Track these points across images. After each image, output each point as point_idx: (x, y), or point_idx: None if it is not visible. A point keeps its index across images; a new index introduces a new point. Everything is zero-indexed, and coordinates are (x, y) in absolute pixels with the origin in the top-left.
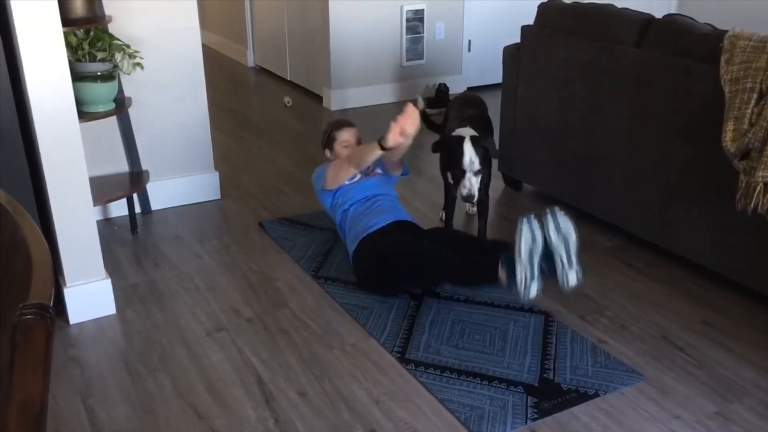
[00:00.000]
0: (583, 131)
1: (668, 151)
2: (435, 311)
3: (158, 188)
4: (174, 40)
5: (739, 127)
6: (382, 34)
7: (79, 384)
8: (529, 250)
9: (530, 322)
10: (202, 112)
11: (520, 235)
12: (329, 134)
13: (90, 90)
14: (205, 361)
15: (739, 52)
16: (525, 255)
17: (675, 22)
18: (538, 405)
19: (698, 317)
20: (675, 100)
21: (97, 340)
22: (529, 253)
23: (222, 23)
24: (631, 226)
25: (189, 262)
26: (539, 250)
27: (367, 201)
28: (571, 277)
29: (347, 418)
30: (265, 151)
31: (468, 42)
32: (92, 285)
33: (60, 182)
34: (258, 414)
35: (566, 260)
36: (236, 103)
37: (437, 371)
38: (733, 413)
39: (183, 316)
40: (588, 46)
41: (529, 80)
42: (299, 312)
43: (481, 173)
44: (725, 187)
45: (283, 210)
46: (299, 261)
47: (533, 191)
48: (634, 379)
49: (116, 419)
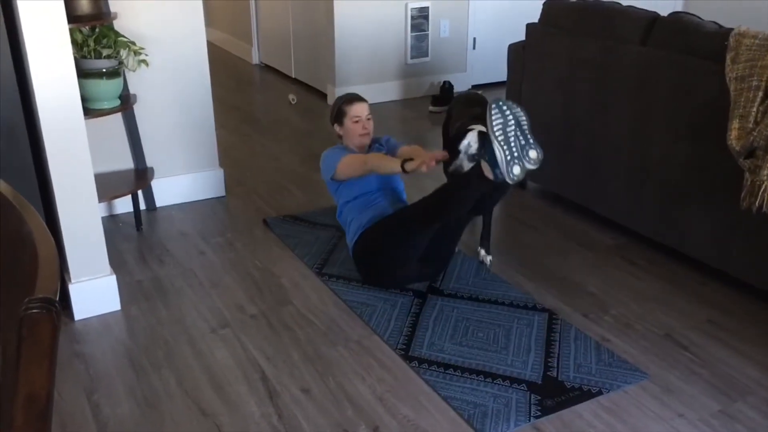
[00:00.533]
0: (588, 129)
1: (673, 149)
2: (438, 309)
3: (163, 185)
4: (179, 37)
5: (744, 125)
6: (386, 32)
7: (83, 380)
8: (503, 130)
9: (534, 319)
10: (206, 109)
11: (491, 118)
12: (339, 108)
13: (95, 87)
14: (210, 357)
15: (744, 51)
16: (500, 135)
17: (680, 20)
18: (541, 403)
19: (702, 316)
20: (680, 98)
21: (102, 336)
22: (504, 132)
23: (227, 21)
24: (635, 224)
25: (193, 259)
26: (512, 128)
27: (370, 194)
28: (532, 154)
29: (351, 414)
30: (270, 149)
31: (473, 40)
32: (97, 281)
33: (65, 178)
34: (262, 410)
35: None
36: (241, 101)
37: (441, 368)
38: (737, 412)
39: (187, 313)
40: (593, 44)
41: (533, 78)
42: (303, 309)
43: (475, 161)
44: (730, 186)
45: (287, 207)
46: (303, 258)
47: (538, 189)
48: (637, 378)
49: (121, 415)
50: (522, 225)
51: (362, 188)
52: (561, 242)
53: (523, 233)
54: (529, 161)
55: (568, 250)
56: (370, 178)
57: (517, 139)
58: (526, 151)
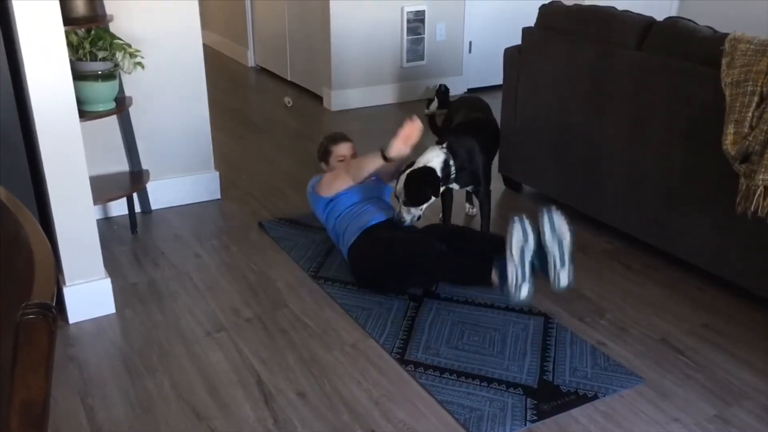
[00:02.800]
0: (584, 133)
1: (668, 153)
2: (434, 312)
3: (158, 188)
4: (175, 39)
5: (739, 130)
6: (382, 35)
7: (78, 383)
8: (520, 250)
9: (530, 323)
10: (202, 111)
11: (512, 235)
12: (325, 147)
13: (91, 89)
14: (205, 361)
15: (740, 56)
16: (517, 255)
17: (676, 25)
18: (537, 407)
19: (698, 320)
20: (675, 103)
21: (97, 340)
22: (521, 253)
23: (223, 23)
24: (631, 228)
25: (188, 262)
26: (531, 249)
27: (360, 204)
28: (562, 277)
29: (346, 418)
30: (266, 152)
31: (469, 43)
32: (92, 284)
33: (60, 181)
34: (257, 414)
35: (559, 260)
36: (237, 103)
37: (436, 372)
38: (732, 416)
39: (182, 316)
40: (589, 48)
41: (529, 82)
42: (299, 312)
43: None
44: (725, 190)
45: (282, 210)
46: (299, 261)
47: (533, 193)
48: (633, 382)
49: (115, 419)
50: None
51: (349, 200)
52: None
53: None
54: (557, 287)
55: None
56: (355, 191)
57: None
58: (558, 274)
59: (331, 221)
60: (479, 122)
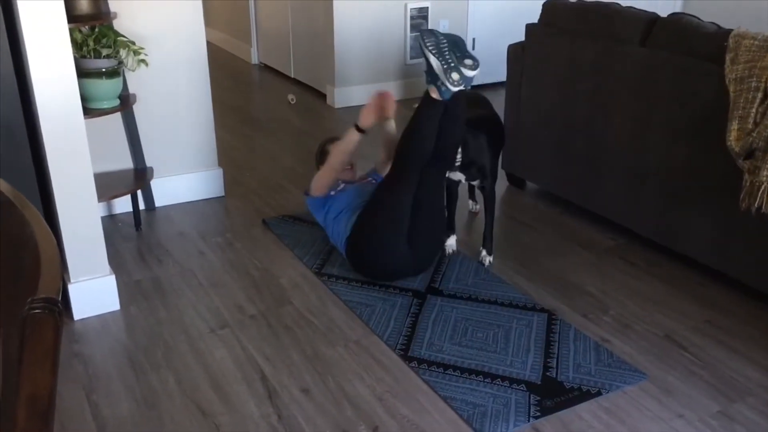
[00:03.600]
0: (587, 130)
1: (672, 149)
2: (438, 309)
3: (162, 185)
4: (179, 37)
5: (743, 126)
6: (386, 32)
7: (83, 379)
8: (435, 45)
9: (533, 320)
10: (206, 109)
11: (424, 41)
12: (322, 149)
13: (95, 86)
14: (209, 357)
15: (744, 52)
16: (434, 50)
17: (680, 21)
18: (540, 403)
19: (702, 316)
20: (679, 99)
21: (101, 336)
22: (437, 47)
23: (226, 20)
24: (634, 225)
25: (192, 259)
26: (445, 42)
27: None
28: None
29: (350, 415)
30: (269, 149)
31: (472, 40)
32: (96, 281)
33: (65, 178)
34: (261, 410)
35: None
36: (240, 101)
37: (440, 369)
38: (736, 413)
39: (186, 313)
40: (592, 44)
41: (533, 79)
42: (302, 309)
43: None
44: (729, 187)
45: (286, 207)
46: (302, 258)
47: (536, 189)
48: (637, 378)
49: (120, 415)
50: (521, 225)
51: (346, 200)
52: (560, 243)
53: (522, 234)
54: (465, 67)
55: (567, 250)
56: (351, 192)
57: (452, 53)
58: (461, 60)
59: (329, 222)
60: (487, 118)
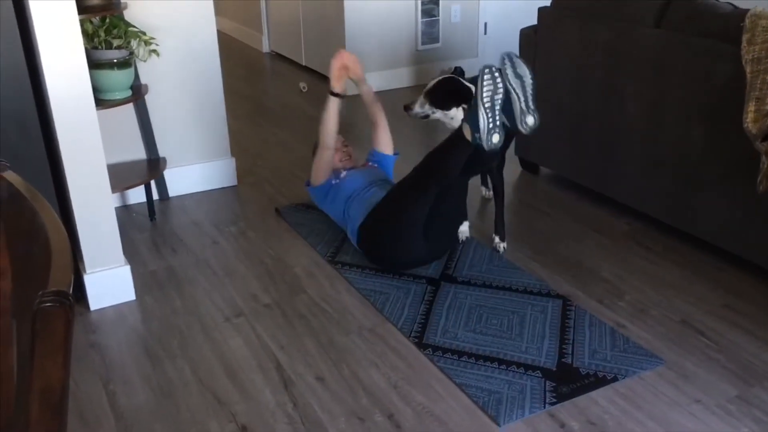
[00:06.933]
0: (601, 114)
1: (688, 132)
2: (452, 296)
3: (175, 175)
4: (189, 26)
5: (760, 107)
6: (397, 18)
7: (99, 369)
8: (491, 98)
9: (548, 306)
10: (217, 98)
11: (482, 83)
12: (315, 143)
13: (107, 77)
14: (224, 346)
15: (760, 32)
16: (488, 102)
17: (695, 2)
18: (556, 389)
19: (718, 301)
20: (695, 81)
21: (117, 326)
22: (491, 100)
23: (237, 9)
24: (650, 209)
25: (206, 248)
26: (500, 96)
27: (365, 188)
28: (528, 120)
29: (365, 402)
30: (281, 137)
31: (484, 24)
32: (111, 271)
33: (78, 170)
34: (277, 399)
35: (524, 102)
36: (252, 90)
37: (455, 356)
38: (754, 397)
39: (201, 302)
40: (606, 27)
41: (546, 62)
42: (317, 297)
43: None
44: (746, 169)
45: (299, 196)
46: (316, 246)
47: (550, 174)
48: (653, 363)
49: (137, 404)
50: (535, 211)
51: (354, 184)
52: (575, 228)
53: (537, 219)
54: (525, 127)
55: (582, 235)
56: (357, 175)
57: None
58: (524, 116)
59: (336, 205)
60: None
